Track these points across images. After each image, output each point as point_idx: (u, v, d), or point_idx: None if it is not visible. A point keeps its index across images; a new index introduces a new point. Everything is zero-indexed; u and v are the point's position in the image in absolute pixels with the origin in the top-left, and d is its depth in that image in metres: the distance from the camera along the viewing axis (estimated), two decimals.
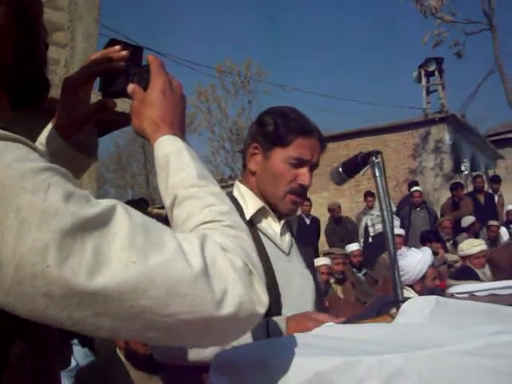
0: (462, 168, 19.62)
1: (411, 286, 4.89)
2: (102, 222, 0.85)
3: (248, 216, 1.92)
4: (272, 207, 1.99)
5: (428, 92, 19.75)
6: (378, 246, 9.22)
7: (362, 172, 1.86)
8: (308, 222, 11.77)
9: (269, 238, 1.96)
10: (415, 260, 4.91)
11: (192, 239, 0.94)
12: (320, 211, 13.75)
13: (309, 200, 12.03)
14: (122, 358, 3.83)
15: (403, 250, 5.31)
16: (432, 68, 19.29)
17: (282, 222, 2.02)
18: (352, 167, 1.87)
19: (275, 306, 1.79)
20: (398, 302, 1.56)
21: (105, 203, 0.88)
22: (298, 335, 1.32)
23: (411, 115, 19.74)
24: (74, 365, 4.51)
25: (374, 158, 1.78)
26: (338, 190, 17.10)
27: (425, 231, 9.49)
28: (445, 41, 17.34)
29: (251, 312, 0.94)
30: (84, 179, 6.93)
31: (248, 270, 0.96)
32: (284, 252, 1.99)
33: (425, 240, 8.68)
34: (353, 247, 8.58)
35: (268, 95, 21.85)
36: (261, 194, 1.99)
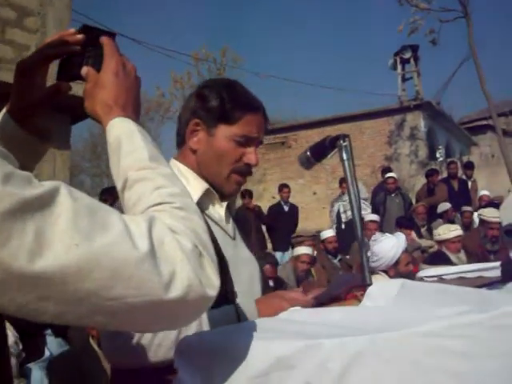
0: (437, 155, 19.77)
1: (385, 272, 4.92)
2: (43, 203, 0.82)
3: (195, 199, 1.76)
4: (215, 188, 1.87)
5: (403, 79, 19.86)
6: (352, 232, 9.24)
7: (329, 156, 1.84)
8: (286, 209, 11.79)
9: (215, 222, 1.85)
10: (389, 245, 4.94)
11: (139, 221, 0.92)
12: (297, 198, 13.79)
13: (288, 187, 12.05)
14: (95, 346, 3.82)
15: (377, 235, 5.33)
16: (407, 55, 19.39)
17: (225, 204, 1.91)
18: (320, 151, 1.84)
19: (230, 294, 1.74)
20: (365, 285, 1.55)
21: (47, 185, 0.85)
22: (260, 320, 1.31)
23: (387, 102, 19.82)
24: (48, 355, 4.48)
25: (341, 142, 1.76)
26: (314, 177, 17.21)
27: (399, 217, 9.54)
28: (420, 28, 17.34)
29: (201, 295, 0.92)
30: (57, 168, 6.88)
31: (198, 251, 0.95)
32: (231, 237, 1.90)
33: (400, 226, 8.73)
34: (327, 234, 8.59)
35: (243, 82, 21.69)
36: (202, 174, 1.86)
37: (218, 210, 1.89)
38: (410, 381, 1.02)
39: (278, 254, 10.29)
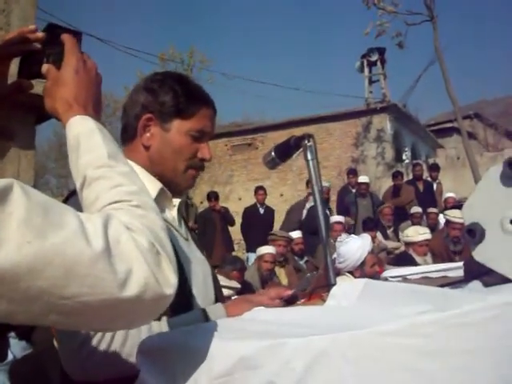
0: (403, 157, 19.95)
1: (351, 273, 4.95)
2: None
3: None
4: (169, 184, 1.81)
5: (370, 82, 19.99)
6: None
7: (294, 156, 1.84)
8: (262, 211, 11.77)
9: (169, 223, 1.77)
10: (355, 247, 4.98)
11: (95, 219, 0.91)
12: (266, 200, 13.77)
13: (263, 189, 12.03)
14: None
15: (343, 237, 5.38)
16: (374, 58, 19.52)
17: (177, 204, 1.87)
18: (284, 151, 1.84)
19: (189, 297, 1.72)
20: (330, 285, 1.56)
21: (0, 183, 0.83)
22: (224, 320, 1.31)
23: (354, 104, 19.94)
24: (11, 358, 4.41)
25: (306, 142, 1.76)
26: (281, 179, 17.25)
27: (365, 219, 9.59)
28: (387, 31, 17.50)
29: (158, 293, 0.92)
30: (22, 168, 6.77)
31: (155, 250, 0.94)
32: (184, 237, 1.86)
33: (366, 227, 8.79)
34: (294, 235, 8.61)
35: (211, 83, 21.65)
36: (154, 171, 1.79)
37: (171, 211, 1.86)
38: (373, 379, 1.02)
39: (252, 256, 10.26)
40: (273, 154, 1.85)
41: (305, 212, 10.76)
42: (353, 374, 1.02)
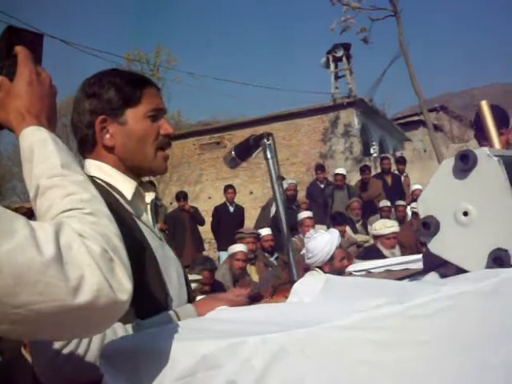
0: (371, 151, 20.09)
1: (320, 268, 4.96)
2: None
3: (129, 197, 1.75)
4: (145, 173, 1.84)
5: (336, 77, 20.05)
6: (289, 230, 9.31)
7: (254, 155, 1.85)
8: (232, 210, 11.75)
9: (145, 224, 1.79)
10: (323, 242, 4.99)
11: (47, 227, 0.91)
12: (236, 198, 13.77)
13: (232, 188, 12.01)
14: (28, 357, 3.71)
15: (311, 232, 5.37)
16: (340, 54, 19.58)
17: (150, 201, 1.85)
18: (244, 150, 1.85)
19: (164, 297, 1.71)
20: (293, 282, 1.57)
21: None
22: (187, 320, 1.31)
23: (321, 100, 20.00)
24: None
25: (265, 141, 1.77)
26: (250, 176, 17.26)
27: (334, 213, 9.63)
28: (351, 27, 17.59)
29: (112, 299, 0.91)
30: None
31: (108, 256, 0.94)
32: (159, 238, 1.85)
33: (335, 222, 8.82)
34: (264, 232, 8.60)
35: (177, 83, 21.59)
36: (127, 168, 1.79)
37: (143, 209, 1.84)
38: (333, 373, 1.04)
39: (223, 255, 10.24)
40: (233, 153, 1.86)
41: (273, 209, 10.79)
42: (312, 369, 1.03)
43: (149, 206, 1.85)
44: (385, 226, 7.10)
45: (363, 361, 1.03)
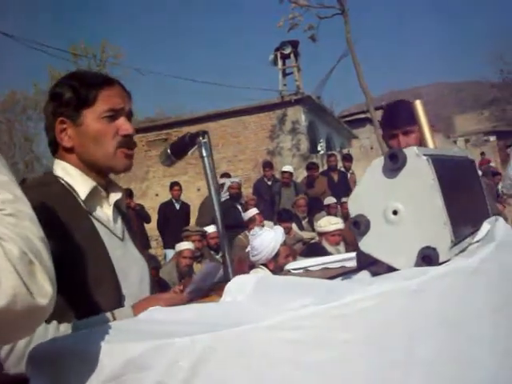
0: (319, 148, 20.23)
1: (265, 265, 4.97)
2: None
3: (83, 197, 1.76)
4: (107, 171, 1.85)
5: (284, 74, 20.13)
6: (236, 226, 9.33)
7: (189, 152, 1.84)
8: (178, 207, 11.69)
9: (103, 224, 1.80)
10: (267, 239, 5.00)
11: None
12: (181, 195, 13.70)
13: (178, 185, 11.94)
14: None
15: (256, 229, 5.38)
16: (288, 51, 19.64)
17: (113, 200, 1.88)
18: (180, 148, 1.83)
19: (117, 298, 1.71)
20: (226, 281, 1.56)
21: None
22: (116, 322, 1.29)
23: (269, 97, 20.03)
24: None
25: (201, 139, 1.76)
26: (198, 173, 17.10)
27: (280, 210, 9.67)
28: (299, 24, 17.67)
29: (30, 304, 0.88)
30: None
31: (28, 259, 0.90)
32: (119, 238, 1.86)
33: (280, 219, 8.85)
34: (209, 229, 8.58)
35: (124, 79, 21.35)
36: (89, 168, 1.81)
37: (106, 210, 1.85)
38: (259, 373, 1.04)
39: (169, 252, 10.17)
40: (168, 151, 1.84)
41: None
42: (239, 369, 1.03)
43: (111, 207, 1.86)
44: (329, 223, 7.15)
45: (288, 360, 1.04)
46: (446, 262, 1.20)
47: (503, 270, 1.35)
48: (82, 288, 1.61)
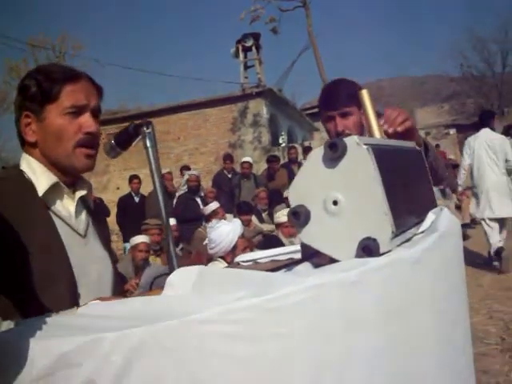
0: (280, 141, 20.28)
1: (223, 258, 4.96)
2: None
3: (40, 193, 1.73)
4: (67, 169, 1.81)
5: (246, 67, 20.12)
6: (195, 219, 9.31)
7: (134, 143, 1.80)
8: (137, 200, 11.60)
9: (63, 220, 1.77)
10: (225, 231, 4.98)
11: None
12: (142, 188, 13.59)
13: (138, 178, 11.85)
14: None
15: (213, 222, 5.37)
16: (249, 43, 19.65)
17: (78, 197, 1.85)
18: (124, 139, 1.79)
19: (72, 297, 1.67)
20: (168, 274, 1.53)
21: None
22: (51, 318, 1.26)
23: (230, 90, 19.99)
24: None
25: (145, 129, 1.72)
26: None
27: (241, 202, 9.66)
28: (261, 17, 17.71)
29: None
30: None
31: None
32: (80, 235, 1.83)
33: (240, 211, 8.84)
34: (169, 222, 8.48)
35: (85, 70, 21.06)
36: (51, 164, 1.79)
37: (68, 206, 1.82)
38: (192, 368, 1.01)
39: (128, 246, 10.09)
40: (113, 142, 1.80)
41: (175, 200, 10.73)
42: (172, 364, 1.00)
43: (74, 202, 1.84)
44: (282, 214, 7.20)
45: (221, 355, 1.01)
46: (387, 252, 1.18)
47: (445, 260, 1.35)
48: (35, 285, 1.58)
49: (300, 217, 1.23)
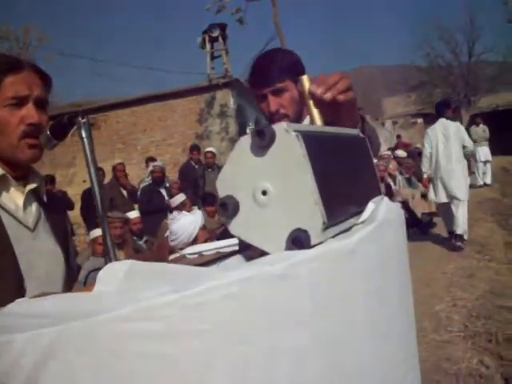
0: (247, 131, 20.19)
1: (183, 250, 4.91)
2: None
3: None
4: (11, 161, 1.78)
5: (212, 57, 20.02)
6: (160, 212, 9.24)
7: (70, 133, 1.74)
8: None
9: (9, 213, 1.73)
10: (186, 223, 4.95)
11: None
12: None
13: (101, 170, 11.75)
14: None
15: (174, 213, 5.33)
16: (216, 34, 19.57)
17: (27, 190, 1.82)
18: (60, 130, 1.73)
19: (17, 292, 1.62)
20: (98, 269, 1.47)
21: None
22: None
23: (197, 81, 19.88)
24: None
25: (80, 119, 1.66)
26: (126, 158, 16.86)
27: (205, 193, 9.61)
28: (227, 7, 17.63)
29: None
30: None
31: None
32: (28, 228, 1.79)
33: (205, 202, 8.80)
34: (132, 215, 8.45)
35: (49, 62, 20.82)
36: None
37: (15, 199, 1.78)
38: (111, 370, 0.95)
39: None
40: (48, 133, 1.74)
41: (138, 192, 10.66)
42: (87, 366, 0.95)
43: (23, 195, 1.81)
44: None
45: (143, 355, 0.95)
46: (319, 244, 1.13)
47: (383, 251, 1.30)
48: None
49: (228, 208, 1.18)
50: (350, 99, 1.50)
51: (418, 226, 12.83)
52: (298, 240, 1.11)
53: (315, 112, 1.53)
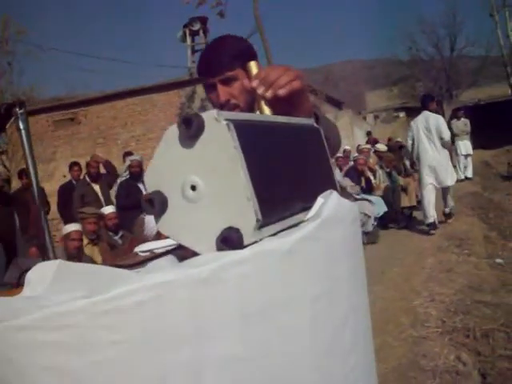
0: None
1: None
2: None
3: None
4: None
5: (193, 51, 19.90)
6: (138, 207, 9.10)
7: (8, 125, 1.64)
8: None
9: None
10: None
11: None
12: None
13: (78, 165, 11.59)
14: None
15: None
16: (196, 27, 19.46)
17: None
18: None
19: None
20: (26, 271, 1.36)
21: None
22: None
23: (178, 75, 19.74)
24: None
25: (17, 109, 1.55)
26: (106, 153, 16.69)
27: None
28: (207, 0, 17.50)
29: None
30: None
31: None
32: None
33: None
34: (107, 210, 8.32)
35: (28, 56, 20.57)
36: None
37: None
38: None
39: None
40: None
41: (115, 187, 10.52)
42: None
43: None
44: None
45: (49, 368, 0.85)
46: (253, 244, 1.03)
47: (328, 250, 1.21)
48: None
49: (155, 204, 1.08)
50: (295, 90, 1.41)
51: (397, 221, 12.81)
52: (229, 239, 1.02)
53: (262, 102, 1.44)
